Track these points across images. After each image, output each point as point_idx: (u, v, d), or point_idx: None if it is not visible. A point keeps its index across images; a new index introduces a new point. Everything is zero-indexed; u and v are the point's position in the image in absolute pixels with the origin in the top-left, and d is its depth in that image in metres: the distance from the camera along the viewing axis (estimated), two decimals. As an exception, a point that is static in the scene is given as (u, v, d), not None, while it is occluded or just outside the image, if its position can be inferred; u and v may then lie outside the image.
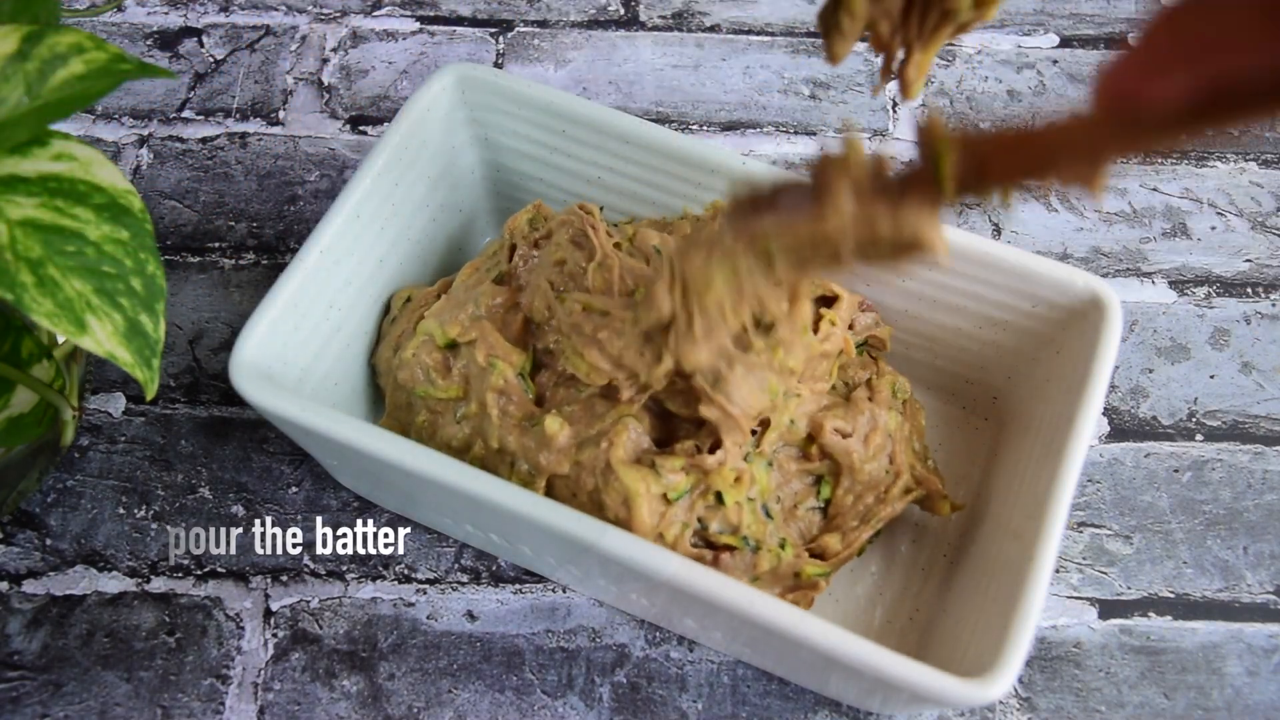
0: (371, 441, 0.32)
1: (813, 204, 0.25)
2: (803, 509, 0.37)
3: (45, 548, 0.40)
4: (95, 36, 0.29)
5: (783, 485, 0.36)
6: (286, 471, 0.42)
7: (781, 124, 0.52)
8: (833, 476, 0.37)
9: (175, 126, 0.51)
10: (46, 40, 0.28)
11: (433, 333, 0.37)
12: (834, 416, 0.36)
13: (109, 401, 0.43)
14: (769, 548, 0.35)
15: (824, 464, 0.37)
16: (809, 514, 0.37)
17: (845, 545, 0.36)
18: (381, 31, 0.55)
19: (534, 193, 0.44)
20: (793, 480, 0.36)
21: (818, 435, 0.36)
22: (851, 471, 0.36)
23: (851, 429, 0.36)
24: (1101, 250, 0.48)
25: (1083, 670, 0.38)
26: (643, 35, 0.55)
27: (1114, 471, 0.43)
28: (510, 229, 0.40)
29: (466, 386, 0.37)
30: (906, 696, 0.30)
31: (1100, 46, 0.55)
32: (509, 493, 0.31)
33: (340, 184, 0.49)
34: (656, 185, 0.40)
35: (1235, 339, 0.46)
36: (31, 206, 0.27)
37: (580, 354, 0.34)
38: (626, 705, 0.37)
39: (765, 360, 0.34)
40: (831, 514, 0.37)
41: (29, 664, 0.37)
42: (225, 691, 0.37)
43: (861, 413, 0.37)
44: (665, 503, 0.33)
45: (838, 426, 0.36)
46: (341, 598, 0.39)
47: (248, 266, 0.47)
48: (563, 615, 0.39)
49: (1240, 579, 0.40)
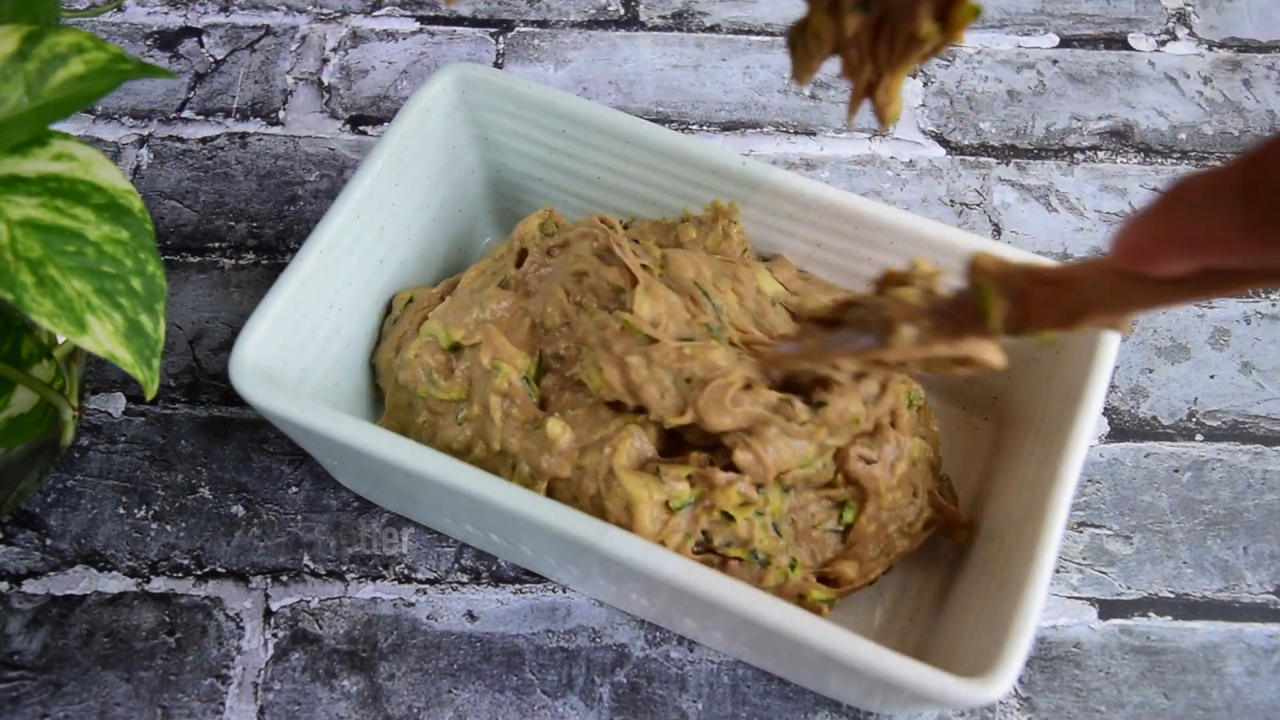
0: (371, 441, 0.32)
1: (878, 335, 0.29)
2: (820, 530, 0.36)
3: (45, 548, 0.40)
4: (95, 36, 0.29)
5: (798, 509, 0.36)
6: (286, 471, 0.42)
7: (781, 124, 0.52)
8: (857, 502, 0.36)
9: (175, 126, 0.51)
10: (46, 40, 0.28)
11: (436, 334, 0.37)
12: (859, 444, 0.36)
13: (109, 401, 0.43)
14: (778, 565, 0.34)
15: (848, 490, 0.36)
16: (825, 535, 0.36)
17: (861, 576, 0.36)
18: (381, 31, 0.55)
19: (534, 192, 0.44)
20: (811, 504, 0.36)
21: (843, 463, 0.36)
22: (877, 497, 0.36)
23: (876, 456, 0.36)
24: (1101, 250, 0.48)
25: (1083, 670, 0.38)
26: (643, 35, 0.55)
27: (1114, 471, 0.43)
28: (520, 234, 0.40)
29: (469, 388, 0.36)
30: (906, 696, 0.30)
31: (1100, 46, 0.55)
32: (509, 493, 0.31)
33: (340, 184, 0.49)
34: (656, 185, 0.40)
35: (1235, 339, 0.46)
36: (31, 206, 0.27)
37: (599, 367, 0.34)
38: (626, 705, 0.37)
39: (807, 432, 0.34)
40: (851, 541, 0.36)
41: (29, 664, 0.37)
42: (225, 691, 0.37)
43: (888, 441, 0.36)
44: (668, 511, 0.33)
45: (862, 454, 0.36)
46: (341, 598, 0.39)
47: (248, 266, 0.47)
48: (563, 615, 0.39)
49: (1240, 579, 0.40)
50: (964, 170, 0.51)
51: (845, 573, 0.36)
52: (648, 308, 0.34)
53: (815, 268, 0.40)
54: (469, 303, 0.37)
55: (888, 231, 0.38)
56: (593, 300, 0.36)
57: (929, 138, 0.52)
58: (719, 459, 0.34)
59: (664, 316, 0.35)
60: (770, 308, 0.37)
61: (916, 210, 0.49)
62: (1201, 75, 0.54)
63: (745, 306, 0.37)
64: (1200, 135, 0.52)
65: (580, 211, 0.43)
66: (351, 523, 0.41)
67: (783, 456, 0.34)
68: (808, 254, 0.40)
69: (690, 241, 0.39)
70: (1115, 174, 0.51)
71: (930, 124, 0.52)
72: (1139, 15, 0.57)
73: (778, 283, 0.38)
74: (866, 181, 0.50)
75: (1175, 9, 0.57)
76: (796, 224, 0.39)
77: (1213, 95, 0.54)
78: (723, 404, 0.33)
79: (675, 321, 0.35)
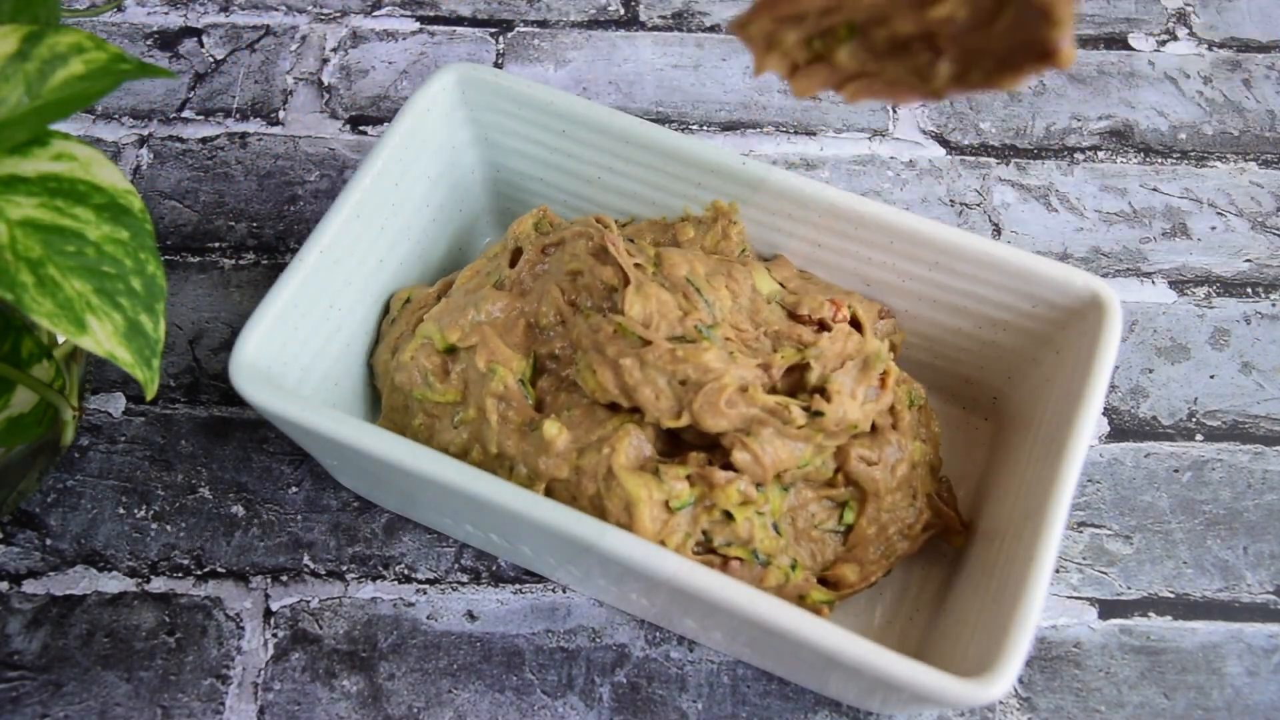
0: (371, 441, 0.32)
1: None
2: (820, 530, 0.36)
3: (45, 548, 0.40)
4: (95, 36, 0.29)
5: (798, 509, 0.36)
6: (286, 471, 0.42)
7: (781, 124, 0.52)
8: (858, 503, 0.36)
9: (175, 126, 0.51)
10: (46, 40, 0.28)
11: (432, 336, 0.37)
12: (859, 445, 0.36)
13: (109, 401, 0.43)
14: (778, 565, 0.34)
15: (849, 490, 0.36)
16: (826, 536, 0.36)
17: (862, 579, 0.36)
18: (381, 31, 0.55)
19: (534, 192, 0.44)
20: (810, 504, 0.36)
21: (843, 463, 0.36)
22: (877, 498, 0.36)
23: (878, 457, 0.36)
24: (1101, 250, 0.48)
25: (1083, 670, 0.38)
26: (643, 35, 0.55)
27: (1114, 471, 0.43)
28: (515, 234, 0.40)
29: (465, 391, 0.36)
30: (906, 696, 0.30)
31: (1100, 46, 0.55)
32: (509, 493, 0.31)
33: (340, 184, 0.49)
34: (656, 185, 0.40)
35: (1235, 339, 0.46)
36: (31, 206, 0.27)
37: (593, 370, 0.34)
38: (626, 705, 0.37)
39: (804, 435, 0.34)
40: (851, 543, 0.36)
41: (29, 664, 0.37)
42: (225, 691, 0.37)
43: (889, 443, 0.36)
44: (668, 510, 0.33)
45: (863, 454, 0.36)
46: (341, 598, 0.39)
47: (248, 266, 0.47)
48: (563, 615, 0.39)
49: (1240, 579, 0.40)
50: (964, 170, 0.51)
51: (846, 576, 0.36)
52: (639, 307, 0.34)
53: (815, 268, 0.40)
54: (464, 304, 0.37)
55: (888, 231, 0.38)
56: (587, 299, 0.36)
57: (929, 137, 0.52)
58: (717, 458, 0.34)
59: (655, 315, 0.34)
60: (765, 306, 0.37)
61: (916, 210, 0.49)
62: (1201, 75, 0.54)
63: (740, 304, 0.37)
64: (1200, 135, 0.52)
65: (580, 211, 0.43)
66: (351, 523, 0.41)
67: (780, 457, 0.34)
68: (808, 254, 0.40)
69: (688, 241, 0.39)
70: (1115, 174, 0.51)
71: (930, 124, 0.52)
72: (1139, 15, 0.57)
73: (775, 282, 0.38)
74: (866, 181, 0.50)
75: (1175, 9, 0.57)
76: (796, 224, 0.39)
77: (1213, 95, 0.54)
78: (718, 407, 0.33)
79: (667, 320, 0.34)
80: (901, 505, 0.36)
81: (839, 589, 0.36)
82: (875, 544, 0.36)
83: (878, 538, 0.36)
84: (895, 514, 0.36)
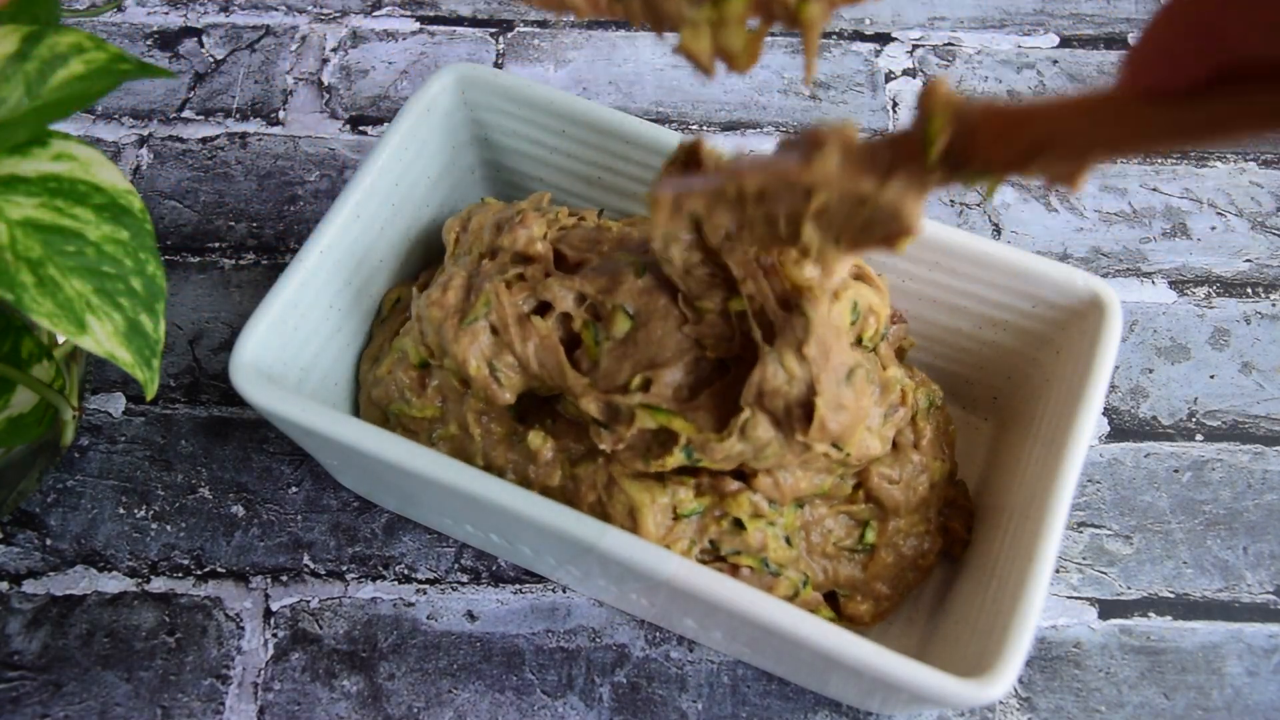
0: (372, 441, 0.32)
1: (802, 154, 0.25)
2: (836, 547, 0.36)
3: (45, 548, 0.40)
4: (95, 36, 0.29)
5: (813, 524, 0.35)
6: (286, 471, 0.42)
7: (781, 124, 0.52)
8: (878, 521, 0.36)
9: (175, 126, 0.51)
10: (46, 40, 0.28)
11: (407, 350, 0.37)
12: (880, 464, 0.35)
13: (109, 401, 0.43)
14: (788, 577, 0.34)
15: (869, 508, 0.36)
16: (843, 554, 0.36)
17: (874, 617, 0.36)
18: (381, 31, 0.55)
19: (534, 192, 0.44)
20: (826, 519, 0.36)
21: (863, 480, 0.35)
22: (896, 516, 0.36)
23: (898, 476, 0.36)
24: (1101, 250, 0.48)
25: (1083, 670, 0.38)
26: (643, 35, 0.55)
27: (1114, 471, 0.43)
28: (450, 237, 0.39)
29: (444, 406, 0.36)
30: (906, 696, 0.30)
31: (1100, 46, 0.55)
32: (509, 493, 0.31)
33: (340, 184, 0.49)
34: (656, 185, 0.40)
35: (1235, 339, 0.46)
36: (31, 206, 0.27)
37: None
38: (626, 705, 0.37)
39: (825, 465, 0.33)
40: (869, 576, 0.36)
41: (29, 664, 0.37)
42: (225, 691, 0.37)
43: (909, 461, 0.36)
44: (673, 516, 0.33)
45: (883, 473, 0.35)
46: (341, 598, 0.39)
47: (248, 266, 0.47)
48: (563, 615, 0.39)
49: (1240, 579, 0.40)
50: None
51: (862, 614, 0.36)
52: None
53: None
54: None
55: (888, 231, 0.37)
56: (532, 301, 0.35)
57: (929, 138, 0.52)
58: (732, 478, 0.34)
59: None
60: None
61: (916, 210, 0.49)
62: (1201, 75, 0.54)
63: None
64: (1200, 135, 0.52)
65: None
66: (351, 523, 0.41)
67: (800, 487, 0.33)
68: (808, 254, 0.40)
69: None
70: (1115, 174, 0.51)
71: (930, 124, 0.52)
72: (1139, 15, 0.57)
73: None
74: (866, 181, 0.50)
75: (1175, 9, 0.57)
76: (796, 224, 0.39)
77: (1213, 95, 0.54)
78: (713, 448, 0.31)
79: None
80: (916, 530, 0.36)
81: (853, 623, 0.36)
82: (889, 574, 0.36)
83: (894, 566, 0.36)
84: (910, 539, 0.36)
